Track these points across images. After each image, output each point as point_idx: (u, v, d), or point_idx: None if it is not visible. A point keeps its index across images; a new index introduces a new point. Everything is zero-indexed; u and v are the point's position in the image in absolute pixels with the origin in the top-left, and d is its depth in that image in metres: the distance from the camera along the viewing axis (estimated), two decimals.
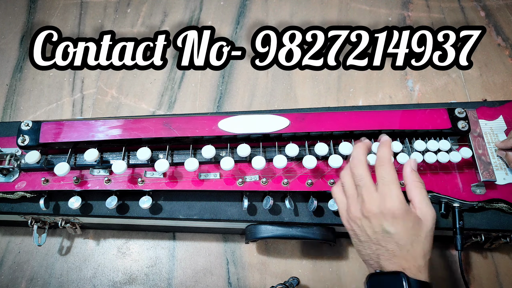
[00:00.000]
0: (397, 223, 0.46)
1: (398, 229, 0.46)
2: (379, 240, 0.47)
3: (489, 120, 0.70)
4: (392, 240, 0.46)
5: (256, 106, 0.91)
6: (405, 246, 0.46)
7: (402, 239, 0.46)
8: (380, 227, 0.47)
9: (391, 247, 0.46)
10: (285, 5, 1.05)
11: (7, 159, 0.66)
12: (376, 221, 0.47)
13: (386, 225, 0.47)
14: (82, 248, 0.75)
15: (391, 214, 0.47)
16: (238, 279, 0.71)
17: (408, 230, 0.46)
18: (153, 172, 0.66)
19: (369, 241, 0.48)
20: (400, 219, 0.47)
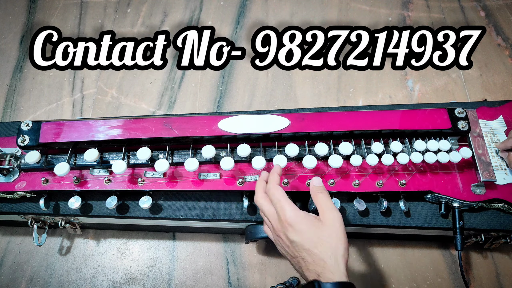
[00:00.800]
0: (295, 230, 0.50)
1: (298, 235, 0.50)
2: (293, 252, 0.51)
3: (489, 120, 0.70)
4: (300, 248, 0.49)
5: (256, 106, 0.91)
6: (311, 249, 0.48)
7: (306, 243, 0.49)
8: (287, 240, 0.51)
9: (302, 254, 0.49)
10: (285, 5, 1.05)
11: (7, 159, 0.66)
12: (283, 237, 0.51)
13: (289, 235, 0.50)
14: (82, 248, 0.75)
15: (288, 224, 0.50)
16: (238, 279, 0.71)
17: (307, 233, 0.49)
18: (153, 172, 0.66)
19: (291, 257, 0.52)
20: (296, 225, 0.50)
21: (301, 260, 0.50)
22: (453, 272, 0.71)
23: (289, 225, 0.50)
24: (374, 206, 0.66)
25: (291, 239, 0.50)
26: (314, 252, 0.48)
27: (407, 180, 0.64)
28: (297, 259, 0.50)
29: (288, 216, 0.51)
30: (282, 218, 0.51)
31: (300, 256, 0.50)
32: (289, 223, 0.50)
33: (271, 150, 0.66)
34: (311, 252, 0.48)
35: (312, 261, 0.48)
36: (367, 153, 0.65)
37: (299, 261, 0.50)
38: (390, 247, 0.73)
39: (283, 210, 0.51)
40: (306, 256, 0.49)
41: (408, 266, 0.71)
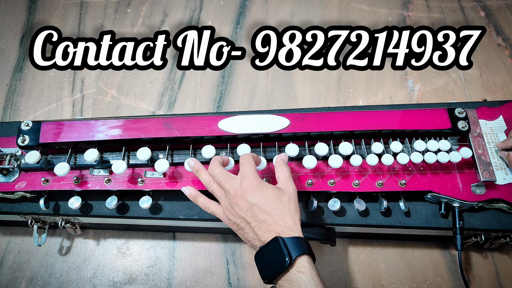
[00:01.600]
0: (257, 193, 0.53)
1: (260, 197, 0.52)
2: (251, 216, 0.52)
3: (489, 120, 0.70)
4: (259, 210, 0.52)
5: (256, 106, 0.91)
6: (272, 211, 0.52)
7: (267, 205, 0.52)
8: (246, 203, 0.52)
9: (262, 217, 0.51)
10: (285, 5, 1.05)
11: (7, 159, 0.66)
12: (241, 200, 0.53)
13: (249, 198, 0.52)
14: (82, 248, 0.75)
15: (250, 188, 0.53)
16: (238, 279, 0.71)
17: (269, 196, 0.53)
18: (153, 172, 0.66)
19: (245, 224, 0.53)
20: (258, 188, 0.53)
21: (259, 223, 0.51)
22: (453, 272, 0.71)
23: (251, 189, 0.53)
24: (374, 206, 0.66)
25: (252, 201, 0.52)
26: (276, 213, 0.51)
27: (407, 180, 0.64)
28: (253, 223, 0.52)
29: (250, 181, 0.53)
30: (245, 182, 0.53)
31: (260, 219, 0.51)
32: (251, 187, 0.53)
33: (271, 150, 0.67)
34: (272, 213, 0.51)
35: (273, 222, 0.51)
36: (367, 153, 0.65)
37: (255, 225, 0.51)
38: (390, 247, 0.73)
39: (249, 174, 0.54)
40: (267, 218, 0.51)
41: (408, 266, 0.71)
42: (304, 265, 0.48)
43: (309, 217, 0.65)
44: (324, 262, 0.72)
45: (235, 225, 0.54)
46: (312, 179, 0.64)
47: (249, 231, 0.53)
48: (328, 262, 0.72)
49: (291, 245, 0.49)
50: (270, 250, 0.50)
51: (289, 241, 0.49)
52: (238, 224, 0.54)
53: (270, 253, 0.49)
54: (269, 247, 0.50)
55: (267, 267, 0.50)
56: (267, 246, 0.50)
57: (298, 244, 0.49)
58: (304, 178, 0.64)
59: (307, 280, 0.47)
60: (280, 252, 0.48)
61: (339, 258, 0.72)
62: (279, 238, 0.49)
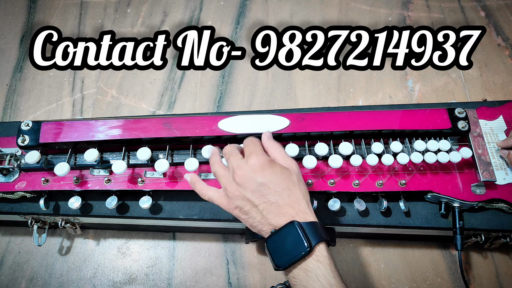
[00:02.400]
0: (266, 171, 0.48)
1: (270, 177, 0.48)
2: (260, 197, 0.48)
3: (489, 120, 0.70)
4: (270, 190, 0.48)
5: (256, 106, 0.91)
6: (284, 191, 0.48)
7: (278, 184, 0.48)
8: (254, 183, 0.48)
9: (273, 198, 0.47)
10: (285, 5, 1.05)
11: (7, 159, 0.66)
12: (249, 181, 0.48)
13: (257, 178, 0.48)
14: (82, 248, 0.75)
15: (259, 167, 0.49)
16: (238, 279, 0.71)
17: (279, 175, 0.48)
18: (153, 172, 0.66)
19: (251, 206, 0.49)
20: (267, 167, 0.49)
21: (269, 205, 0.47)
22: (453, 272, 0.71)
23: (259, 167, 0.48)
24: (374, 206, 0.66)
25: (261, 181, 0.48)
26: (288, 193, 0.48)
27: (407, 180, 0.64)
28: (262, 206, 0.48)
29: (258, 158, 0.49)
30: (252, 161, 0.49)
31: (270, 201, 0.47)
32: (259, 165, 0.49)
33: None
34: (283, 194, 0.48)
35: (285, 204, 0.47)
36: (367, 153, 0.65)
37: (264, 208, 0.48)
38: (390, 247, 0.73)
39: (255, 153, 0.50)
40: (278, 199, 0.47)
41: (408, 266, 0.71)
42: (323, 254, 0.45)
43: None
44: None
45: (238, 209, 0.50)
46: (312, 179, 0.64)
47: (255, 214, 0.48)
48: None
49: (309, 231, 0.45)
50: (285, 235, 0.46)
51: (307, 226, 0.45)
52: (242, 207, 0.49)
53: (286, 238, 0.45)
54: (284, 232, 0.46)
55: (282, 254, 0.45)
56: (281, 230, 0.46)
57: (316, 230, 0.46)
58: (304, 178, 0.64)
59: (325, 270, 0.44)
60: (297, 238, 0.45)
61: (339, 258, 0.72)
62: (296, 222, 0.45)
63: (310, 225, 0.46)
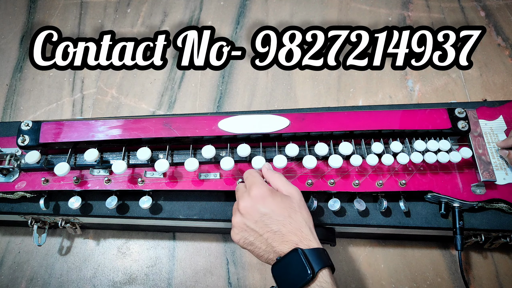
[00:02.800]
0: (268, 201, 0.50)
1: (271, 206, 0.50)
2: (263, 227, 0.49)
3: (489, 120, 0.70)
4: (272, 219, 0.49)
5: (256, 106, 0.91)
6: (286, 219, 0.49)
7: (280, 213, 0.49)
8: (257, 213, 0.50)
9: (275, 227, 0.49)
10: (285, 5, 1.05)
11: (7, 159, 0.66)
12: (252, 211, 0.50)
13: (260, 208, 0.50)
14: (82, 248, 0.75)
15: (260, 197, 0.51)
16: (238, 279, 0.71)
17: (280, 204, 0.50)
18: (153, 172, 0.66)
19: (257, 236, 0.50)
20: (269, 197, 0.51)
21: (273, 234, 0.49)
22: (453, 272, 0.71)
23: (260, 198, 0.50)
24: (374, 206, 0.66)
25: (263, 211, 0.50)
26: (290, 221, 0.49)
27: (407, 180, 0.64)
28: (266, 235, 0.49)
29: (259, 189, 0.51)
30: (253, 191, 0.51)
31: (272, 230, 0.49)
32: (260, 196, 0.50)
33: (271, 150, 0.66)
34: (286, 222, 0.49)
35: (288, 231, 0.49)
36: (367, 153, 0.65)
37: (269, 237, 0.49)
38: (390, 247, 0.73)
39: (254, 184, 0.52)
40: (281, 227, 0.49)
41: (408, 266, 0.71)
42: (326, 280, 0.46)
43: None
44: None
45: (243, 239, 0.51)
46: (312, 179, 0.63)
47: (260, 244, 0.50)
48: None
49: (312, 258, 0.46)
50: (289, 262, 0.47)
51: (310, 253, 0.47)
52: (247, 238, 0.51)
53: (290, 265, 0.47)
54: (288, 259, 0.47)
55: (287, 280, 0.47)
56: (286, 258, 0.47)
57: (319, 256, 0.47)
58: (304, 178, 0.64)
59: None
60: (300, 265, 0.46)
61: (339, 258, 0.72)
62: (299, 250, 0.47)
63: (313, 252, 0.47)
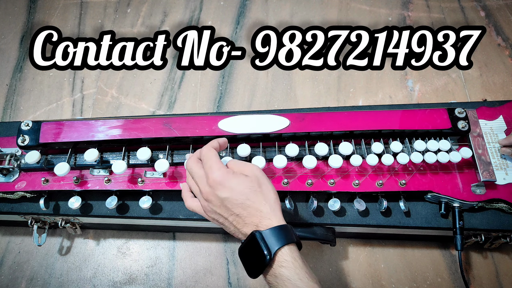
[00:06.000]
0: (224, 186, 0.50)
1: (228, 191, 0.49)
2: (226, 210, 0.50)
3: (489, 120, 0.70)
4: (232, 204, 0.49)
5: (256, 106, 0.91)
6: (245, 202, 0.49)
7: (237, 197, 0.49)
8: (217, 199, 0.50)
9: (236, 210, 0.49)
10: (285, 5, 1.05)
11: (7, 159, 0.66)
12: (213, 197, 0.50)
13: (219, 193, 0.50)
14: (82, 248, 0.75)
15: (217, 182, 0.50)
16: (238, 279, 0.71)
17: (238, 186, 0.49)
18: (153, 172, 0.66)
19: (223, 219, 0.51)
20: (225, 181, 0.50)
21: (236, 217, 0.49)
22: (453, 272, 0.71)
23: (218, 184, 0.50)
24: (374, 206, 0.66)
25: (222, 196, 0.49)
26: (248, 204, 0.49)
27: (407, 180, 0.64)
28: (231, 218, 0.50)
29: (216, 175, 0.50)
30: (210, 177, 0.50)
31: (235, 213, 0.49)
32: (218, 182, 0.50)
33: (271, 150, 0.66)
34: (244, 205, 0.49)
35: (247, 214, 0.49)
36: (367, 153, 0.65)
37: (233, 219, 0.50)
38: (390, 247, 0.73)
39: (211, 169, 0.51)
40: (241, 211, 0.49)
41: (408, 266, 0.71)
42: (286, 259, 0.46)
43: (309, 217, 0.65)
44: (324, 262, 0.72)
45: (215, 221, 0.52)
46: (312, 179, 0.63)
47: (229, 225, 0.51)
48: (328, 262, 0.72)
49: (270, 238, 0.46)
50: (250, 246, 0.47)
51: (267, 234, 0.47)
52: (217, 219, 0.52)
53: (251, 249, 0.47)
54: (249, 243, 0.48)
55: (250, 264, 0.48)
56: (247, 242, 0.48)
57: (277, 235, 0.47)
58: (304, 178, 0.64)
59: (290, 274, 0.45)
60: (258, 249, 0.46)
61: (339, 258, 0.72)
62: (256, 233, 0.47)
63: (272, 232, 0.47)
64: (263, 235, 0.47)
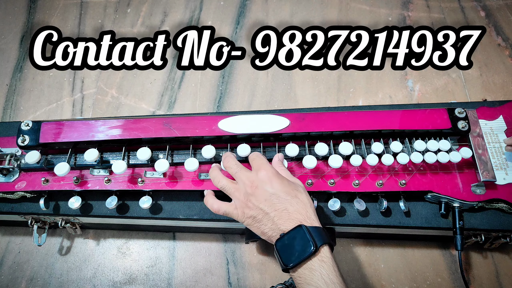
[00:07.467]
0: (276, 182, 0.53)
1: (279, 187, 0.53)
2: (270, 206, 0.52)
3: (489, 120, 0.70)
4: (279, 199, 0.52)
5: (256, 106, 0.91)
6: (293, 199, 0.52)
7: (287, 193, 0.53)
8: (264, 193, 0.53)
9: (281, 206, 0.52)
10: (285, 5, 1.05)
11: (7, 159, 0.66)
12: (260, 191, 0.53)
13: (267, 187, 0.53)
14: (82, 248, 0.75)
15: (267, 177, 0.54)
16: (238, 279, 0.71)
17: (287, 185, 0.53)
18: (153, 172, 0.66)
19: (263, 214, 0.53)
20: (276, 178, 0.54)
21: (280, 212, 0.52)
22: (453, 272, 0.71)
23: (268, 179, 0.53)
24: (374, 206, 0.66)
25: (271, 191, 0.52)
26: (296, 201, 0.52)
27: (407, 180, 0.64)
28: (273, 213, 0.52)
29: (269, 171, 0.54)
30: (262, 173, 0.54)
31: (280, 209, 0.52)
32: (269, 177, 0.53)
33: (271, 150, 0.67)
34: (292, 202, 0.52)
35: (294, 210, 0.52)
36: (367, 153, 0.65)
37: (275, 215, 0.52)
38: (390, 247, 0.73)
39: (263, 165, 0.55)
40: (288, 206, 0.52)
41: (408, 266, 0.71)
42: (327, 255, 0.48)
43: None
44: None
45: (251, 218, 0.54)
46: (312, 179, 0.63)
47: (267, 221, 0.52)
48: None
49: (315, 234, 0.49)
50: (293, 237, 0.50)
51: (313, 229, 0.49)
52: (255, 216, 0.53)
53: (294, 240, 0.49)
54: (293, 234, 0.50)
55: (290, 254, 0.49)
56: (290, 233, 0.50)
57: (321, 234, 0.50)
58: (304, 178, 0.64)
59: (328, 270, 0.47)
60: (305, 240, 0.48)
61: (339, 258, 0.72)
62: (303, 225, 0.50)
63: (316, 229, 0.50)
64: (309, 229, 0.49)
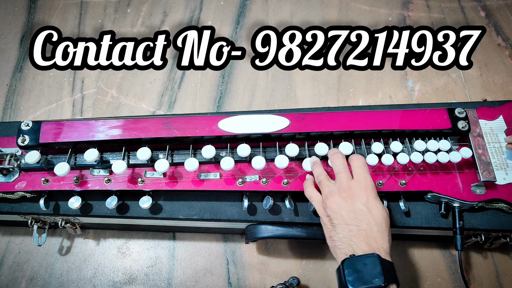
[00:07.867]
0: (372, 202, 0.51)
1: (373, 208, 0.51)
2: (353, 219, 0.51)
3: (489, 120, 0.70)
4: (366, 218, 0.50)
5: (256, 106, 0.91)
6: (375, 226, 0.50)
7: (377, 218, 0.51)
8: (354, 205, 0.51)
9: (364, 226, 0.50)
10: (285, 5, 1.05)
11: (7, 159, 0.66)
12: (352, 201, 0.52)
13: (359, 201, 0.51)
14: (82, 248, 0.75)
15: (366, 194, 0.52)
16: (238, 279, 0.71)
17: (380, 212, 0.51)
18: (153, 172, 0.66)
19: (342, 223, 0.51)
20: (374, 199, 0.52)
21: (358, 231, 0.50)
22: (453, 272, 0.71)
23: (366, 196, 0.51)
24: None
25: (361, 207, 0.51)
26: (378, 229, 0.50)
27: (407, 180, 0.64)
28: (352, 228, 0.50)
29: (370, 189, 0.52)
30: (363, 186, 0.52)
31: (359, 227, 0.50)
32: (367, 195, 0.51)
33: (271, 150, 0.67)
34: (374, 229, 0.50)
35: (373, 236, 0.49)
36: (367, 153, 0.65)
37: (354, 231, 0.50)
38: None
39: (368, 181, 0.53)
40: (368, 230, 0.50)
41: (408, 266, 0.71)
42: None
43: (309, 217, 0.65)
44: (324, 262, 0.72)
45: (328, 218, 0.53)
46: None
47: (342, 231, 0.51)
48: (328, 262, 0.72)
49: (388, 269, 0.47)
50: (365, 263, 0.47)
51: (386, 264, 0.47)
52: (333, 220, 0.52)
53: (365, 266, 0.47)
54: (365, 260, 0.47)
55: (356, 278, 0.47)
56: (363, 257, 0.48)
57: (392, 271, 0.48)
58: (304, 178, 0.64)
59: None
60: (377, 271, 0.46)
61: None
62: (380, 256, 0.47)
63: (390, 265, 0.48)
64: (384, 262, 0.47)
